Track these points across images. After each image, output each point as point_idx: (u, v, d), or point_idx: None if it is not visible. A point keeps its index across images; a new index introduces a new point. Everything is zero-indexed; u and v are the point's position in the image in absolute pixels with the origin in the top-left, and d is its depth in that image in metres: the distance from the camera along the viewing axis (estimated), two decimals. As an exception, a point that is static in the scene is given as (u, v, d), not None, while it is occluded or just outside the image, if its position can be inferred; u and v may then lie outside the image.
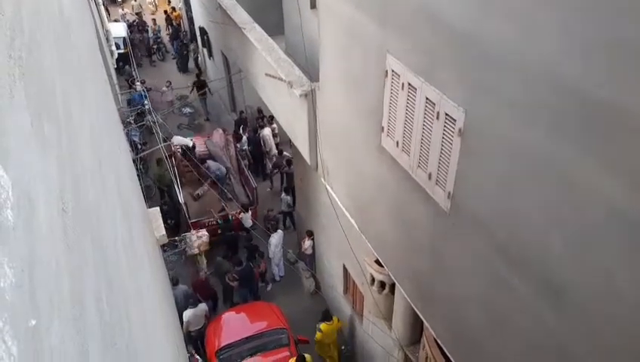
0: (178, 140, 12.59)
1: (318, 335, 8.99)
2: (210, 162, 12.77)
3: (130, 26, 21.21)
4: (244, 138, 14.18)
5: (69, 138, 1.90)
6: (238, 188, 12.81)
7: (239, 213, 11.53)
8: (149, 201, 10.64)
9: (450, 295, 4.93)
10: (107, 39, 11.55)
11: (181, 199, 11.57)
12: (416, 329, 7.21)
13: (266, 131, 13.91)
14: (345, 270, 9.32)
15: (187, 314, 9.50)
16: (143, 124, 13.05)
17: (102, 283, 1.69)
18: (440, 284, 5.06)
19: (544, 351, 3.69)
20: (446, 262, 4.83)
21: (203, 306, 9.81)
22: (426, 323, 5.64)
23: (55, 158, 1.51)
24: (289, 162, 12.40)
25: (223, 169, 12.67)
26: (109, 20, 17.15)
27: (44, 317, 0.93)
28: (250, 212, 11.39)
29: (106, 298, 1.68)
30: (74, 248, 1.38)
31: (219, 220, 11.56)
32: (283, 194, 12.42)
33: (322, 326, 8.96)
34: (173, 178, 11.66)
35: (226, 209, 11.72)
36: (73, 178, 1.68)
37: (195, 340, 9.64)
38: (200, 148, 13.63)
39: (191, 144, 12.85)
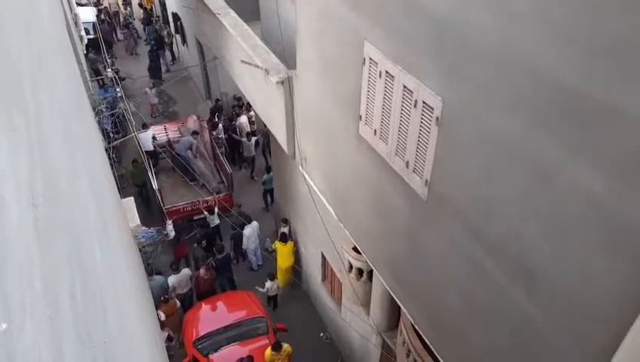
0: (143, 140, 12.33)
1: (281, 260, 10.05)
2: (182, 140, 12.68)
3: (99, 10, 20.54)
4: (220, 126, 14.00)
5: (39, 128, 1.82)
6: (207, 171, 12.64)
7: (207, 205, 11.43)
8: (123, 192, 10.40)
9: (427, 281, 5.00)
10: (76, 24, 11.18)
11: (155, 185, 11.40)
12: (393, 315, 7.31)
13: (243, 119, 13.76)
14: (323, 258, 9.35)
15: (172, 279, 9.77)
16: (115, 112, 12.73)
17: (76, 278, 1.64)
18: (417, 271, 5.12)
19: (520, 334, 3.78)
20: (423, 248, 4.88)
21: (186, 270, 10.03)
22: (403, 309, 5.71)
23: (25, 150, 1.45)
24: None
25: (191, 139, 12.50)
26: (77, 4, 16.61)
27: (16, 319, 0.89)
28: (215, 213, 11.27)
29: (80, 293, 1.63)
30: (46, 243, 1.32)
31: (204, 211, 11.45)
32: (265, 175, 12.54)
33: (282, 248, 10.06)
34: (147, 167, 11.46)
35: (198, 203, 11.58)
36: (43, 170, 1.61)
37: (181, 301, 9.92)
38: (173, 135, 13.49)
39: (151, 146, 12.64)
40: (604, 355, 3.01)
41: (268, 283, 10.02)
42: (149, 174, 11.55)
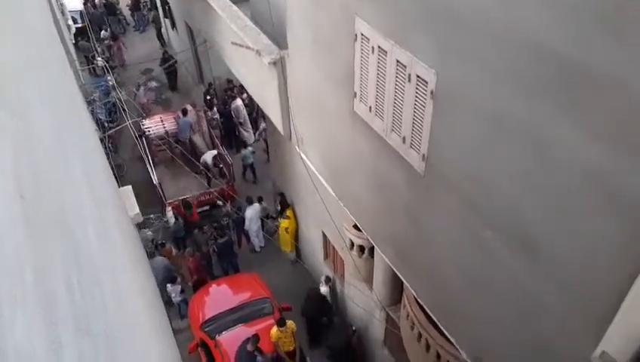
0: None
1: (284, 222, 10.18)
2: (180, 123, 12.59)
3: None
4: (214, 109, 13.90)
5: (25, 121, 1.79)
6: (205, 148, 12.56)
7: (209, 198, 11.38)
8: (121, 180, 10.38)
9: (427, 255, 5.02)
10: (62, 13, 11.00)
11: (155, 179, 11.32)
12: (396, 289, 7.37)
13: (238, 102, 13.65)
14: (324, 237, 9.39)
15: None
16: (109, 101, 12.62)
17: (71, 269, 1.63)
18: (417, 245, 5.14)
19: (520, 305, 3.81)
20: (423, 223, 4.89)
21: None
22: (405, 284, 5.76)
23: (9, 143, 1.42)
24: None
25: (188, 119, 12.38)
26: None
27: (5, 312, 0.88)
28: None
29: (77, 284, 1.62)
30: (37, 235, 1.31)
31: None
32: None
33: (288, 212, 10.24)
34: (145, 158, 11.37)
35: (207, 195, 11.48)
36: (31, 162, 1.59)
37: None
38: (170, 127, 13.31)
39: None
40: (602, 321, 3.04)
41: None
42: (148, 167, 11.43)
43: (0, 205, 1.09)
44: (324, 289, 9.35)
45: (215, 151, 12.20)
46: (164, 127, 13.29)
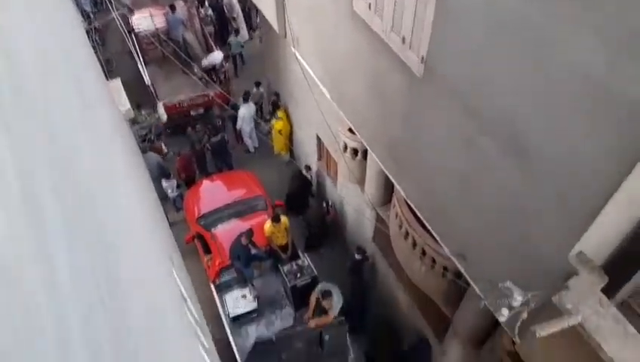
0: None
1: (277, 123, 10.29)
2: (170, 19, 11.95)
3: None
4: (206, 4, 13.09)
5: (4, 15, 1.67)
6: (196, 45, 12.03)
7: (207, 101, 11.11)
8: (110, 75, 10.07)
9: (420, 158, 5.08)
10: None
11: (147, 80, 10.95)
12: (387, 190, 7.56)
13: (231, -7, 12.87)
14: (318, 139, 9.40)
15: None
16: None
17: (58, 169, 1.62)
18: (411, 148, 5.17)
19: (507, 208, 3.94)
20: (418, 127, 4.88)
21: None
22: (397, 186, 5.89)
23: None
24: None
25: (178, 15, 11.81)
26: None
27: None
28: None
29: (64, 183, 1.61)
30: (15, 134, 1.27)
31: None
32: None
33: (280, 114, 10.36)
34: (135, 56, 10.86)
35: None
36: (11, 59, 1.51)
37: None
38: (161, 24, 12.55)
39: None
40: (583, 223, 3.19)
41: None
42: (139, 65, 10.97)
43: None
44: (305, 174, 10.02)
45: (222, 54, 11.69)
46: (155, 24, 12.52)
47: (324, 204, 9.57)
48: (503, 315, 3.37)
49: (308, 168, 9.97)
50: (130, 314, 1.88)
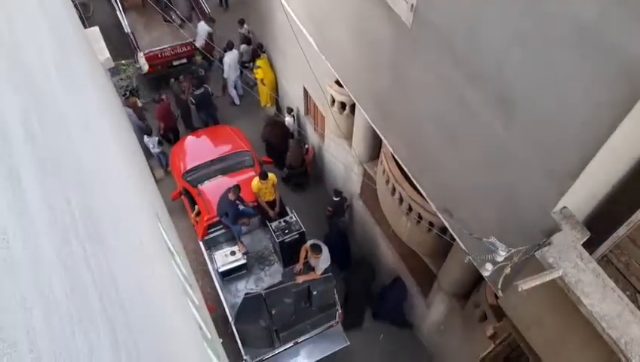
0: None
1: (258, 73, 10.12)
2: None
3: None
4: None
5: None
6: (184, 7, 11.51)
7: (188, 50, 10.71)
8: (88, 22, 9.63)
9: (408, 111, 4.99)
10: None
11: (126, 28, 10.47)
12: (374, 146, 7.50)
13: None
14: (305, 92, 9.21)
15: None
16: None
17: (31, 110, 1.52)
18: (399, 102, 5.08)
19: (493, 163, 3.92)
20: (406, 79, 4.76)
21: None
22: (384, 140, 5.82)
23: None
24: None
25: None
26: None
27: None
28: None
29: (37, 119, 1.52)
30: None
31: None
32: None
33: (259, 62, 10.11)
34: (113, 1, 10.32)
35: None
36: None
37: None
38: None
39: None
40: (568, 178, 3.17)
41: (287, 118, 10.02)
42: (117, 13, 10.43)
43: None
44: (288, 119, 9.92)
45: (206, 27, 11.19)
46: None
47: (304, 149, 9.74)
48: (487, 270, 3.41)
49: (290, 110, 9.91)
50: (113, 262, 1.84)
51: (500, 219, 4.10)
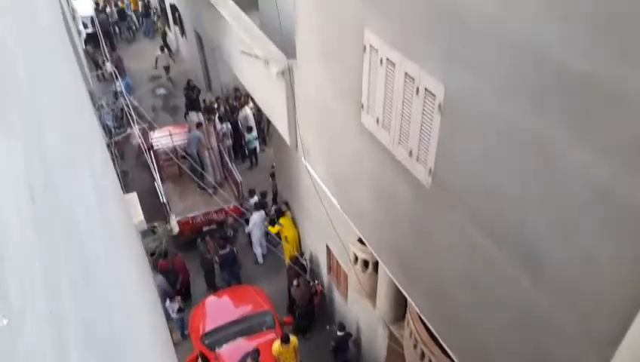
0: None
1: (274, 229, 10.48)
2: (189, 136, 12.16)
3: (96, 3, 20.38)
4: (224, 124, 13.69)
5: (36, 125, 1.79)
6: (212, 162, 12.32)
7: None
8: (127, 187, 10.36)
9: (432, 270, 4.97)
10: (74, 18, 11.10)
11: (162, 198, 11.16)
12: (400, 306, 7.29)
13: (247, 111, 13.66)
14: (328, 250, 9.34)
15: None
16: (115, 107, 12.65)
17: (77, 272, 1.61)
18: (422, 260, 5.10)
19: (525, 322, 3.75)
20: (427, 237, 4.85)
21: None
22: (409, 300, 5.70)
23: (21, 147, 1.41)
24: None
25: (197, 133, 12.00)
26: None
27: (17, 314, 0.86)
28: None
29: (82, 287, 1.60)
30: (45, 238, 1.29)
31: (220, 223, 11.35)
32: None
33: (282, 220, 10.48)
34: (154, 172, 11.17)
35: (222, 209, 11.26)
36: (41, 166, 1.58)
37: None
38: (178, 141, 12.62)
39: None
40: (610, 342, 2.98)
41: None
42: (155, 184, 11.12)
43: (12, 208, 1.08)
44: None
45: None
46: (173, 142, 12.63)
47: (314, 288, 9.70)
48: None
49: (302, 254, 10.06)
50: None
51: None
